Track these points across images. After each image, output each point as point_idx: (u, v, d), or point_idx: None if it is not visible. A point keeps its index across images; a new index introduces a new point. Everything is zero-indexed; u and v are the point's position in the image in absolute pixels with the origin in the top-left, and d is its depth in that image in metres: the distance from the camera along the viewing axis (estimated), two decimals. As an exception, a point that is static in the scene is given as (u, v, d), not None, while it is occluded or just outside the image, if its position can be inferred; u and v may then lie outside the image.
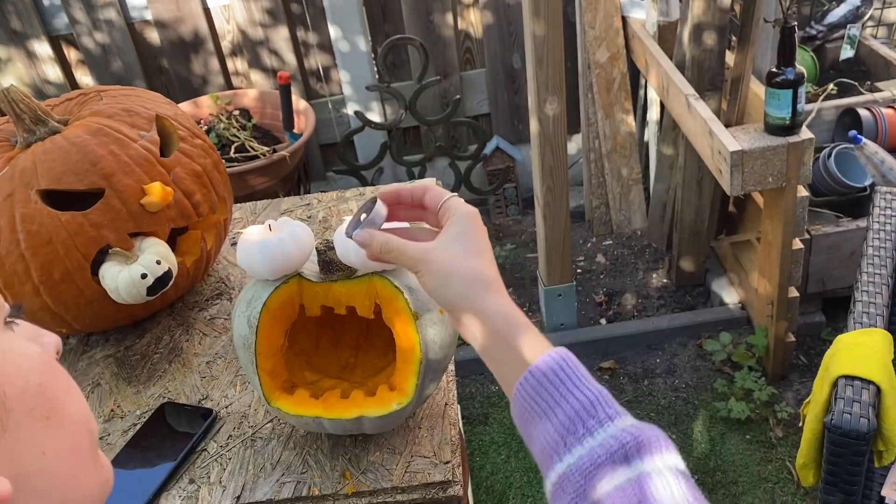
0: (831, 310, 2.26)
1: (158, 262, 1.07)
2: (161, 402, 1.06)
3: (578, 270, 2.63)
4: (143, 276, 1.06)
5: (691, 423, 2.06)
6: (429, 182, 0.73)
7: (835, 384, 1.18)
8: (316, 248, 0.91)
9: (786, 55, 1.70)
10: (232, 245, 1.38)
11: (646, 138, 2.74)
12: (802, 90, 1.72)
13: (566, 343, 2.42)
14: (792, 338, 2.09)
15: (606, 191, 2.71)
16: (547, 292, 2.31)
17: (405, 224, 0.76)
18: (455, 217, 0.67)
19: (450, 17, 2.71)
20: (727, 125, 1.88)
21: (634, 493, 0.53)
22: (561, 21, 1.90)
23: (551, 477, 0.58)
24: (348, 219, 0.87)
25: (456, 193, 0.70)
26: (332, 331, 1.02)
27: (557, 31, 1.90)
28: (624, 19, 2.50)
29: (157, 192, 1.07)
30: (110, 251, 1.07)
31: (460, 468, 0.92)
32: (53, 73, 2.67)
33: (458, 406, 1.01)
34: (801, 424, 1.37)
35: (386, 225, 0.73)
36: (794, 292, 2.01)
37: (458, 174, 2.72)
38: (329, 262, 0.91)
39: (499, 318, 0.63)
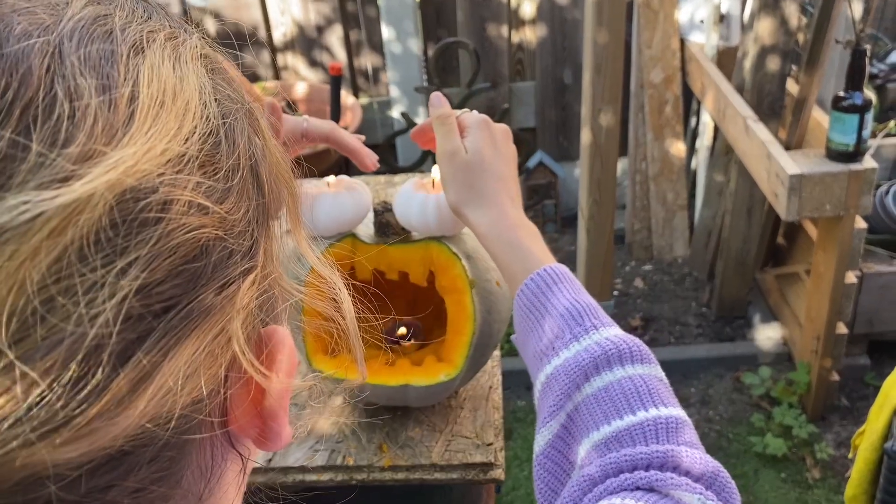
0: (877, 354, 2.18)
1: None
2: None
3: (615, 293, 2.57)
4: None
5: (724, 457, 1.98)
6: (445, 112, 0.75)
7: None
8: (373, 208, 0.88)
9: (855, 79, 1.65)
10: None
11: (693, 165, 2.69)
12: (869, 117, 1.67)
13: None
14: (836, 376, 2.01)
15: (650, 215, 2.66)
16: (582, 309, 2.25)
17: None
18: (471, 128, 0.72)
19: (505, 28, 2.69)
20: (787, 149, 1.83)
21: (614, 395, 0.56)
22: (623, 30, 1.87)
23: (540, 378, 0.61)
24: (410, 179, 0.84)
25: (467, 110, 0.76)
26: (379, 301, 0.98)
27: (619, 41, 1.87)
28: (682, 42, 2.47)
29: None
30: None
31: (503, 452, 0.87)
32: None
33: (500, 390, 0.96)
34: (850, 456, 1.30)
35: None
36: (842, 328, 1.94)
37: (500, 185, 2.68)
38: (385, 224, 0.87)
39: (516, 221, 0.67)
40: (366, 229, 0.90)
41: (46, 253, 0.22)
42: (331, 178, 0.88)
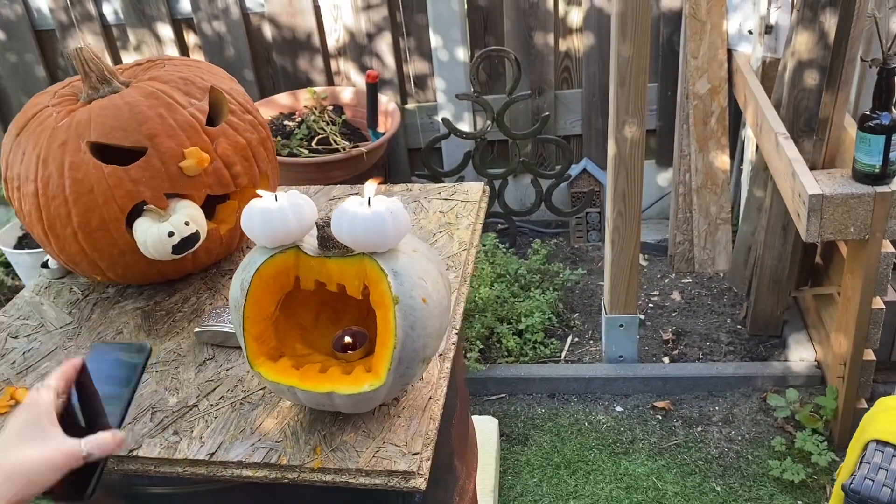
0: (918, 382, 2.08)
1: (187, 224, 1.12)
2: (169, 356, 1.11)
3: (650, 305, 2.54)
4: (170, 234, 1.11)
5: (740, 479, 1.94)
6: None
7: (865, 447, 1.08)
8: (316, 222, 0.93)
9: (882, 99, 1.58)
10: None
11: (742, 178, 2.62)
12: (897, 138, 1.60)
13: (621, 377, 2.35)
14: (864, 404, 1.93)
15: (692, 227, 2.61)
16: (608, 321, 2.24)
17: None
18: None
19: (551, 37, 2.70)
20: (813, 168, 1.78)
21: None
22: (648, 43, 1.86)
23: None
24: (351, 196, 0.88)
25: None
26: (333, 310, 1.04)
27: (643, 54, 1.85)
28: (730, 52, 2.41)
29: (194, 156, 1.12)
30: (145, 207, 1.13)
31: (429, 462, 0.91)
32: (173, 55, 2.85)
33: (443, 402, 0.99)
34: (832, 490, 1.27)
35: None
36: (870, 355, 1.86)
37: (540, 192, 2.69)
38: (327, 238, 0.92)
39: None
40: (313, 241, 0.95)
41: None
42: (281, 192, 0.93)
